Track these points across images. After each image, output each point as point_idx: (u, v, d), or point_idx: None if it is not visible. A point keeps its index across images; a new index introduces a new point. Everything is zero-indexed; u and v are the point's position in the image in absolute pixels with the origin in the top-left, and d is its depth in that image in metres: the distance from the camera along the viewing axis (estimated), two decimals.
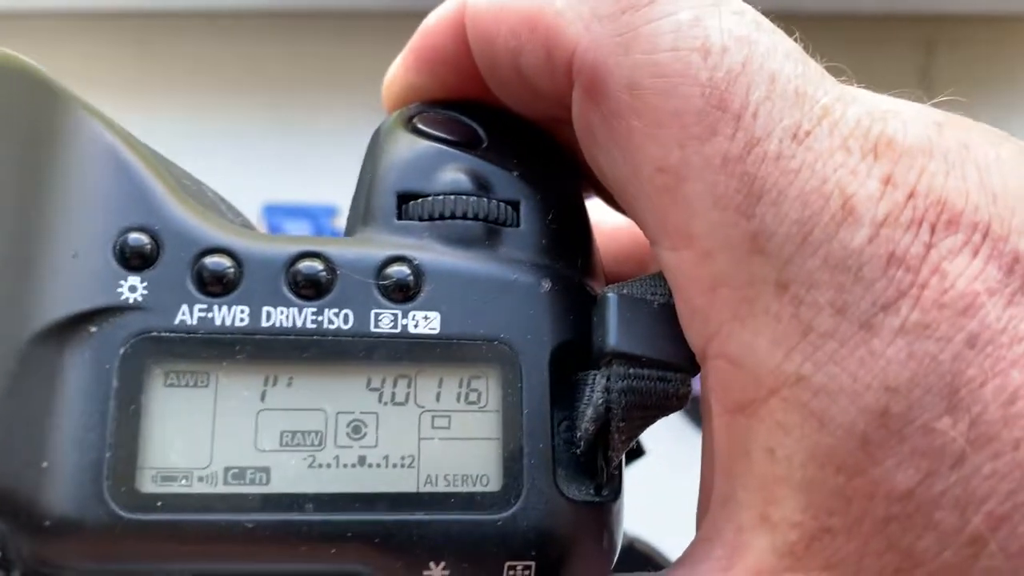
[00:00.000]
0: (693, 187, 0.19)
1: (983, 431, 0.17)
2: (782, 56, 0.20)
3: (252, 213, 0.97)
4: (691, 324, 0.20)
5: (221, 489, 0.20)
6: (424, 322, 0.21)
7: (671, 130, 0.19)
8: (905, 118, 0.19)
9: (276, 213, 0.96)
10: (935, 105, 0.20)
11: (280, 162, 0.99)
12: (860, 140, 0.19)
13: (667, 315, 0.21)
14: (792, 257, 0.18)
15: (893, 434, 0.17)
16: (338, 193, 0.94)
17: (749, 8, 0.21)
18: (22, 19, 0.95)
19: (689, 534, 0.21)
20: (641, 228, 0.22)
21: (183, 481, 0.20)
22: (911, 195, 0.18)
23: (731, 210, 0.19)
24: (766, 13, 0.21)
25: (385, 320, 0.21)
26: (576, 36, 0.21)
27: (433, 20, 0.25)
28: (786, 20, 0.21)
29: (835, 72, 0.21)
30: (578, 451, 0.22)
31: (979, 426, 0.17)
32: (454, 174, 0.23)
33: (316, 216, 0.96)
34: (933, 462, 0.17)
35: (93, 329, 0.20)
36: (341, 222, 0.98)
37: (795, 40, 0.21)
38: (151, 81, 0.99)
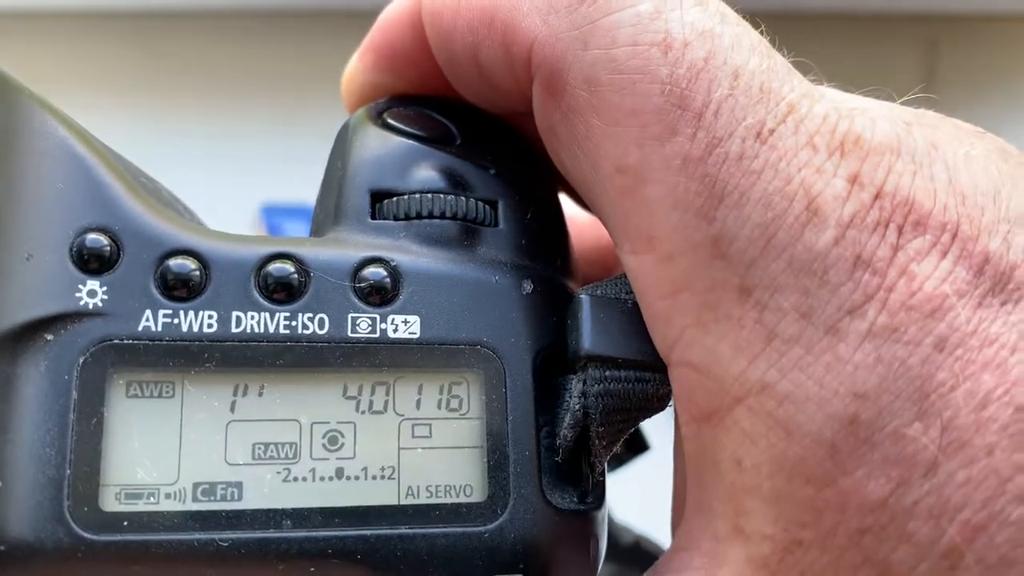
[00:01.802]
0: (653, 189, 0.19)
1: (955, 437, 0.16)
2: (747, 50, 0.19)
3: (251, 213, 0.96)
4: (654, 329, 0.20)
5: (190, 506, 0.19)
6: (404, 326, 0.20)
7: (630, 129, 0.19)
8: (873, 116, 0.19)
9: (275, 213, 0.94)
10: (932, 105, 0.20)
11: (280, 162, 0.98)
12: (827, 137, 0.18)
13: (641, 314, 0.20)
14: (755, 261, 0.18)
15: (863, 442, 0.17)
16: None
17: (712, 0, 0.20)
18: (22, 19, 0.94)
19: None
20: (606, 228, 0.21)
21: (150, 498, 0.18)
22: (878, 195, 0.17)
23: (691, 213, 0.18)
24: (770, 12, 0.20)
25: (363, 324, 0.20)
26: (533, 30, 0.20)
27: (390, 16, 0.24)
28: (788, 20, 0.20)
29: (803, 69, 0.20)
30: (558, 459, 0.21)
31: (951, 432, 0.16)
32: (429, 171, 0.22)
33: None
34: (905, 470, 0.17)
35: (49, 337, 0.18)
36: None
37: (760, 32, 0.20)
38: (151, 81, 0.98)
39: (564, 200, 0.26)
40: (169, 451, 0.19)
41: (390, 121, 0.23)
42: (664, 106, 0.18)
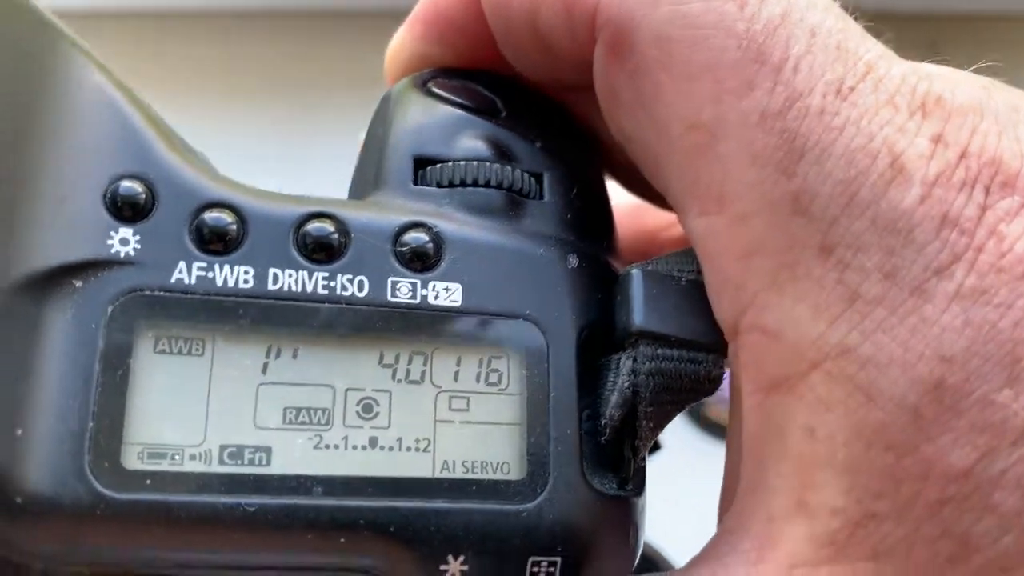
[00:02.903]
0: (728, 145, 0.18)
1: None
2: (822, 10, 0.19)
3: None
4: (722, 295, 0.19)
5: (216, 469, 0.18)
6: (445, 293, 0.19)
7: (704, 84, 0.18)
8: (952, 79, 0.18)
9: None
10: None
11: (280, 162, 0.97)
12: (907, 97, 0.18)
13: (696, 292, 0.20)
14: (837, 218, 0.17)
15: (948, 408, 0.16)
16: (338, 193, 0.92)
17: None
18: None
19: (694, 538, 0.20)
20: (667, 196, 0.20)
21: (174, 459, 0.17)
22: (963, 154, 0.17)
23: (770, 168, 0.18)
24: None
25: (403, 289, 0.19)
26: None
27: None
28: None
29: (874, 33, 0.20)
30: (603, 440, 0.20)
31: None
32: (475, 140, 0.22)
33: None
34: (993, 438, 0.16)
35: (78, 283, 0.17)
36: None
37: None
38: (151, 81, 0.97)
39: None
40: (196, 411, 0.18)
41: (435, 90, 0.23)
42: (741, 60, 0.18)
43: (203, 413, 0.18)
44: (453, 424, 0.19)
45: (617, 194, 0.27)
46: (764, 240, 0.18)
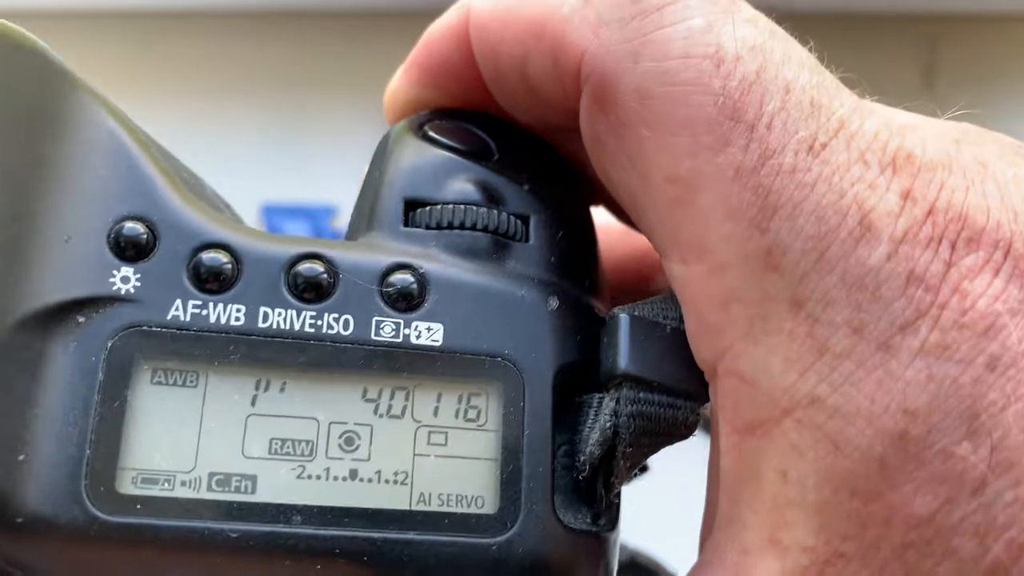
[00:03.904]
0: (705, 198, 0.19)
1: (1004, 457, 0.16)
2: (796, 65, 0.19)
3: (251, 213, 0.96)
4: (701, 340, 0.20)
5: (204, 495, 0.19)
6: (427, 333, 0.20)
7: (682, 139, 0.19)
8: (923, 134, 0.19)
9: (275, 213, 0.95)
10: (931, 105, 0.20)
11: (279, 162, 0.98)
12: (878, 154, 0.18)
13: (679, 340, 0.21)
14: (808, 274, 0.18)
15: (911, 458, 0.17)
16: (337, 193, 0.93)
17: (762, 16, 0.20)
18: (22, 19, 0.94)
19: (691, 546, 0.20)
20: (651, 240, 0.21)
21: (165, 484, 0.19)
22: (931, 211, 0.18)
23: (744, 223, 0.18)
24: (768, 12, 0.20)
25: (387, 328, 0.20)
26: (584, 42, 0.20)
27: (436, 30, 0.24)
28: (788, 19, 0.21)
29: (849, 84, 0.20)
30: (579, 476, 0.21)
31: (1000, 452, 0.16)
32: (464, 184, 0.23)
33: (315, 216, 0.96)
34: (953, 488, 0.17)
35: (81, 319, 0.19)
36: (340, 223, 0.97)
37: (809, 50, 0.20)
38: (151, 81, 0.98)
39: (598, 210, 0.26)
40: (188, 439, 0.19)
41: (430, 133, 0.24)
42: (717, 117, 0.19)
43: (195, 441, 0.19)
44: (431, 458, 0.20)
45: (611, 215, 0.28)
46: (739, 291, 0.19)
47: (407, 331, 0.20)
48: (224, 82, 1.01)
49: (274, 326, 0.20)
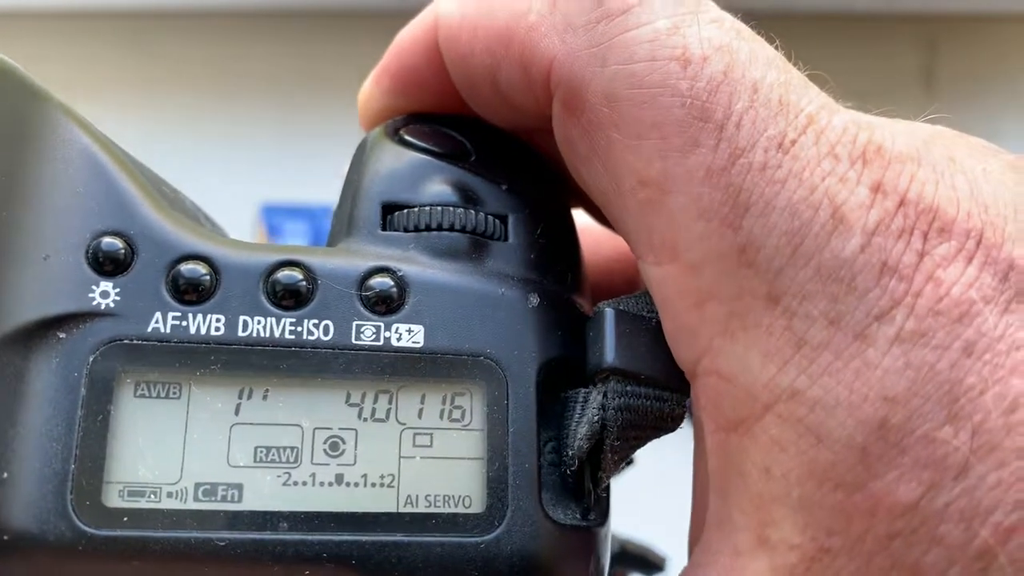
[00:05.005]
0: (676, 200, 0.19)
1: (986, 440, 0.16)
2: (763, 64, 0.19)
3: (250, 213, 0.97)
4: (679, 340, 0.20)
5: (191, 506, 0.19)
6: (407, 335, 0.21)
7: (651, 141, 0.19)
8: (892, 129, 0.19)
9: (274, 213, 0.95)
10: (931, 106, 0.20)
11: (279, 162, 0.98)
12: (848, 147, 0.18)
13: (663, 334, 0.21)
14: (783, 269, 0.18)
15: (893, 446, 0.17)
16: (337, 193, 0.93)
17: (728, 16, 0.20)
18: (22, 19, 0.94)
19: (681, 535, 0.20)
20: (626, 241, 0.21)
21: (151, 496, 0.19)
22: (902, 202, 0.18)
23: (717, 222, 0.18)
24: (770, 12, 0.20)
25: (367, 332, 0.20)
26: (551, 49, 0.20)
27: (405, 40, 0.24)
28: (788, 20, 0.21)
29: (818, 81, 0.20)
30: (567, 471, 0.21)
31: (981, 435, 0.16)
32: (441, 186, 0.23)
33: (315, 216, 0.96)
34: (936, 473, 0.17)
35: (62, 335, 0.19)
36: None
37: (775, 47, 0.20)
38: (151, 81, 0.98)
39: (581, 213, 0.26)
40: (173, 451, 0.19)
41: (406, 137, 0.24)
42: (685, 118, 0.19)
43: (180, 453, 0.19)
44: (416, 460, 0.20)
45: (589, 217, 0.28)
46: (715, 289, 0.19)
47: (388, 334, 0.20)
48: (223, 82, 1.01)
49: (254, 334, 0.20)
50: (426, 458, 0.20)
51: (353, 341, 0.20)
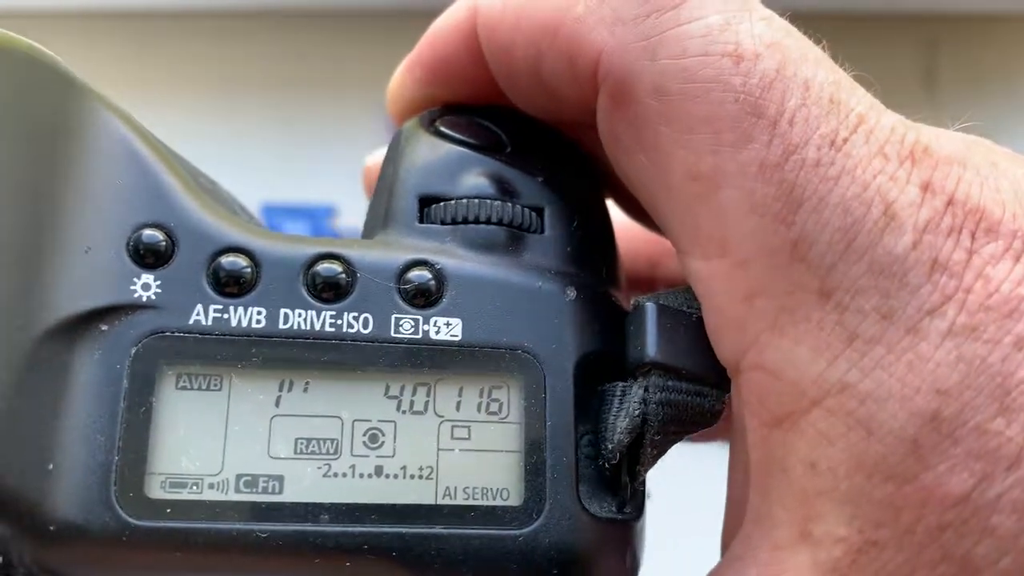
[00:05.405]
0: (728, 194, 0.19)
1: None
2: (814, 63, 0.19)
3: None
4: (724, 335, 0.20)
5: (232, 497, 0.19)
6: (445, 328, 0.21)
7: (703, 136, 0.19)
8: (935, 132, 0.19)
9: (275, 213, 0.95)
10: (932, 105, 0.20)
11: (279, 162, 0.98)
12: (896, 147, 0.19)
13: (704, 329, 0.21)
14: (835, 264, 0.18)
15: (945, 437, 0.17)
16: (337, 193, 0.93)
17: (776, 15, 0.20)
18: (22, 19, 0.94)
19: (686, 544, 0.20)
20: (668, 237, 0.21)
21: (193, 488, 0.19)
22: (950, 202, 0.18)
23: (770, 217, 0.19)
24: (772, 11, 0.20)
25: (406, 325, 0.20)
26: (600, 41, 0.20)
27: (441, 29, 0.24)
28: (788, 20, 0.21)
29: (862, 83, 0.20)
30: (605, 465, 0.21)
31: None
32: (478, 178, 0.23)
33: (315, 216, 0.96)
34: (988, 464, 0.17)
35: (104, 327, 0.19)
36: (339, 222, 0.97)
37: (822, 48, 0.20)
38: (151, 81, 0.98)
39: (613, 207, 0.26)
40: (214, 442, 0.19)
41: (442, 129, 0.24)
42: (738, 114, 0.19)
43: (221, 444, 0.19)
44: (455, 452, 0.20)
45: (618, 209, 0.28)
46: (765, 284, 0.19)
47: (426, 327, 0.21)
48: (224, 82, 1.01)
49: (295, 327, 0.20)
50: (464, 451, 0.20)
51: (392, 334, 0.20)
